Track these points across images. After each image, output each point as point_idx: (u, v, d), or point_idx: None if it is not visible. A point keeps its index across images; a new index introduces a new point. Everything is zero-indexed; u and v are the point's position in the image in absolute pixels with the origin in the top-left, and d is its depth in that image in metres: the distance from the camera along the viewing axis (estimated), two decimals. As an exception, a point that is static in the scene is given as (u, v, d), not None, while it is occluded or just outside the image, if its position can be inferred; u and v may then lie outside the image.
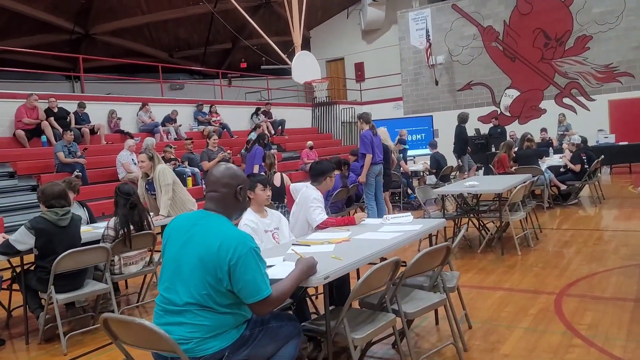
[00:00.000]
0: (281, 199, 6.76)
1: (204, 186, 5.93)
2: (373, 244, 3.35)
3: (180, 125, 13.94)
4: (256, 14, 19.76)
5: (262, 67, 20.91)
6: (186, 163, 11.89)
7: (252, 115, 16.25)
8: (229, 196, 2.54)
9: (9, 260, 4.46)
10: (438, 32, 17.70)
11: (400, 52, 18.58)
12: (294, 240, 3.88)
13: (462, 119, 11.45)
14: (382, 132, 8.55)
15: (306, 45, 21.11)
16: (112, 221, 4.58)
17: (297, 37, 13.81)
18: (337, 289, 3.67)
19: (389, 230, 3.70)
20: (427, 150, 14.00)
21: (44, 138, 10.83)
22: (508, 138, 13.38)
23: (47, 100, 11.18)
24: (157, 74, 17.28)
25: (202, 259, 2.36)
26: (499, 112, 16.94)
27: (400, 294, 3.14)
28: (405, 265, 3.10)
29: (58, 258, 3.97)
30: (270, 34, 15.93)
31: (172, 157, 11.56)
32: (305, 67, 13.59)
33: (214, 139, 11.82)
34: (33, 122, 10.69)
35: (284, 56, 14.17)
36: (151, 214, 5.02)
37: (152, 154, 5.67)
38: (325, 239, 3.61)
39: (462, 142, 11.38)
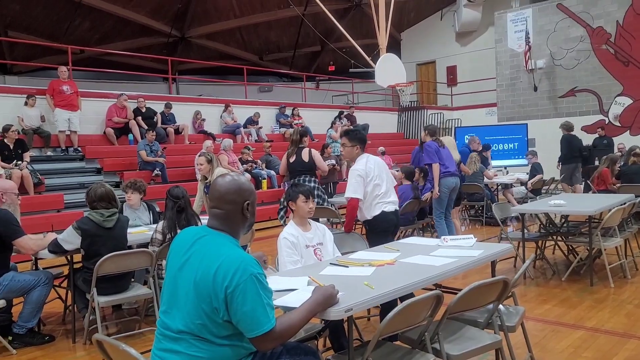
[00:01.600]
0: (311, 173, 6.62)
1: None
2: (418, 271, 2.91)
3: (261, 127, 14.02)
4: (345, 16, 19.58)
5: (350, 70, 20.72)
6: (263, 165, 11.89)
7: (334, 119, 16.04)
8: (235, 213, 2.22)
9: (67, 258, 4.50)
10: (539, 34, 16.47)
11: (496, 55, 17.52)
12: (338, 256, 3.54)
13: (568, 128, 10.64)
14: (449, 141, 7.94)
15: (396, 47, 20.59)
16: (161, 224, 4.48)
17: (382, 40, 13.38)
18: (383, 316, 3.27)
19: (443, 255, 3.23)
20: (520, 161, 13.05)
21: (130, 136, 11.29)
22: (615, 151, 12.09)
23: (136, 100, 11.64)
24: (247, 76, 17.65)
25: (197, 284, 2.06)
26: (606, 121, 15.38)
27: (446, 330, 2.69)
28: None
29: (100, 260, 3.90)
30: (358, 37, 15.65)
31: (250, 158, 11.61)
32: (390, 70, 13.11)
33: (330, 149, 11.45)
34: (122, 120, 11.16)
35: (368, 59, 13.79)
36: (200, 217, 4.87)
37: (210, 157, 5.56)
38: (368, 259, 3.22)
39: (572, 151, 10.55)
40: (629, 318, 4.24)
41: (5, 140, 8.57)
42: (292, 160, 6.55)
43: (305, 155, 6.54)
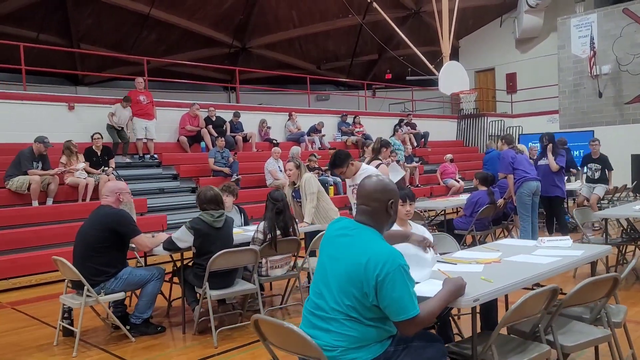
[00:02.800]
0: None
1: (348, 195, 6.16)
2: (526, 268, 3.09)
3: (324, 136, 14.33)
4: (404, 24, 19.71)
5: (408, 77, 20.81)
6: (329, 172, 12.18)
7: (394, 126, 16.19)
8: (380, 210, 2.49)
9: (170, 256, 4.90)
10: (605, 39, 16.13)
11: (558, 61, 17.24)
12: (438, 257, 3.73)
13: None
14: (524, 149, 8.05)
15: (455, 55, 20.56)
16: (262, 225, 4.81)
17: (445, 47, 13.47)
18: (483, 313, 3.46)
19: (545, 254, 3.39)
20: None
21: (202, 144, 11.82)
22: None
23: (206, 110, 12.17)
24: (304, 85, 18.04)
25: (349, 271, 2.34)
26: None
27: (555, 324, 2.85)
28: (563, 294, 2.81)
29: (213, 257, 4.24)
30: (417, 45, 15.75)
31: (316, 166, 11.93)
32: (453, 77, 13.19)
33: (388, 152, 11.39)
34: (194, 129, 11.70)
35: (431, 67, 13.90)
36: (296, 220, 5.17)
37: (299, 163, 5.86)
38: (473, 258, 3.41)
39: None
40: None
41: (93, 147, 9.20)
42: None
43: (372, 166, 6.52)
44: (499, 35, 20.57)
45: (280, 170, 10.94)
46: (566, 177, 9.23)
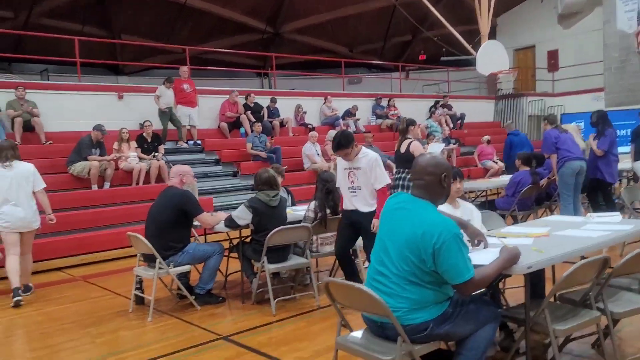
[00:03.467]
0: (406, 165, 6.20)
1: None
2: (576, 241, 3.27)
3: (359, 119, 14.49)
4: (439, 3, 19.56)
5: (442, 58, 20.68)
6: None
7: (430, 108, 16.21)
8: (434, 184, 2.72)
9: (227, 233, 5.23)
10: (652, 13, 15.62)
11: (604, 37, 16.71)
12: (486, 233, 3.93)
13: None
14: (572, 128, 8.02)
15: (492, 33, 20.19)
16: (313, 204, 5.08)
17: (484, 26, 13.39)
18: (530, 284, 3.63)
19: (594, 229, 3.55)
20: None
21: (242, 130, 12.15)
22: None
23: (244, 96, 12.47)
24: (336, 69, 18.15)
25: (408, 240, 2.59)
26: None
27: (605, 293, 3.03)
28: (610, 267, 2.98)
29: (270, 233, 4.55)
30: (453, 24, 15.68)
31: (354, 148, 12.13)
32: (492, 57, 13.13)
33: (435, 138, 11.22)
34: (234, 115, 12.03)
35: (468, 46, 13.86)
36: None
37: (370, 142, 6.08)
38: (522, 232, 3.61)
39: None
40: None
41: (143, 134, 9.62)
42: (396, 150, 6.55)
43: (403, 147, 6.42)
44: (539, 12, 20.04)
45: (318, 154, 11.18)
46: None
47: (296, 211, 5.57)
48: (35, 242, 6.52)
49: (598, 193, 7.31)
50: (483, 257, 2.78)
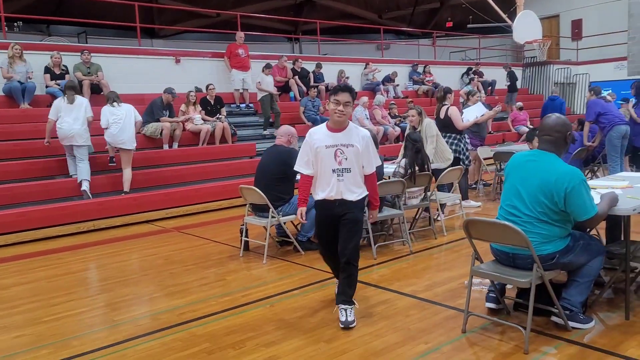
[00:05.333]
0: (449, 129, 7.06)
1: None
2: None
3: (397, 85, 14.95)
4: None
5: (469, 25, 20.89)
6: (407, 120, 12.89)
7: (462, 75, 16.62)
8: (561, 139, 3.33)
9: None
10: (679, -18, 15.86)
11: (629, 6, 17.02)
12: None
13: None
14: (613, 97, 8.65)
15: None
16: (403, 161, 5.69)
17: (520, -4, 13.71)
18: (609, 229, 4.23)
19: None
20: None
21: (291, 94, 12.67)
22: None
23: (292, 61, 12.94)
24: (364, 35, 18.28)
25: (541, 186, 3.20)
26: None
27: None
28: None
29: (371, 187, 5.15)
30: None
31: (397, 113, 12.67)
32: (527, 26, 13.50)
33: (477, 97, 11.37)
34: (283, 80, 12.53)
35: (504, 15, 14.18)
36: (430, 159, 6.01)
37: (420, 110, 6.65)
38: (606, 185, 4.19)
39: None
40: None
41: (207, 97, 10.19)
42: (435, 117, 7.21)
43: (442, 113, 7.17)
44: (565, -19, 20.23)
45: (367, 118, 11.72)
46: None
47: (387, 167, 6.10)
48: (120, 197, 7.56)
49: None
50: (596, 197, 3.39)
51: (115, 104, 7.79)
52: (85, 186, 7.47)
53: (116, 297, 4.56)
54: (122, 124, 7.68)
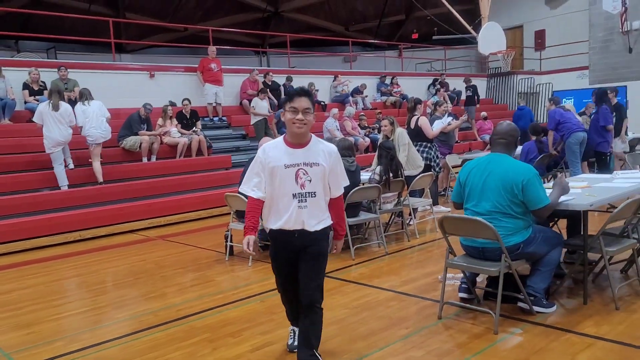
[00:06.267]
0: (420, 138, 7.47)
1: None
2: (613, 189, 4.34)
3: (366, 97, 15.41)
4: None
5: (434, 37, 21.61)
6: (376, 131, 13.33)
7: (428, 86, 17.22)
8: (512, 142, 3.83)
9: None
10: (636, -6, 16.71)
11: (590, 17, 17.75)
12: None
13: None
14: (570, 106, 9.25)
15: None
16: (378, 169, 6.05)
17: (484, 8, 14.37)
18: (569, 226, 4.67)
19: (623, 182, 4.63)
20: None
21: (263, 106, 12.95)
22: None
23: (262, 75, 13.25)
24: (331, 47, 18.64)
25: (502, 182, 3.63)
26: None
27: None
28: None
29: (350, 193, 5.49)
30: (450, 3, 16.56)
31: (366, 125, 13.11)
32: (491, 38, 14.14)
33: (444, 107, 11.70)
34: (254, 93, 12.80)
35: (468, 27, 14.82)
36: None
37: (392, 120, 7.04)
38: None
39: None
40: None
41: (182, 111, 10.41)
42: (406, 127, 7.64)
43: (412, 122, 7.61)
44: (527, -8, 21.00)
45: (337, 129, 12.09)
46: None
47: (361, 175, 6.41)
48: (105, 209, 7.78)
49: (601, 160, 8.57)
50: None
51: (86, 102, 8.29)
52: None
53: (114, 298, 4.80)
54: (95, 120, 8.21)
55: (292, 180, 2.94)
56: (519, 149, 8.69)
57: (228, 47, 18.78)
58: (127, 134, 9.29)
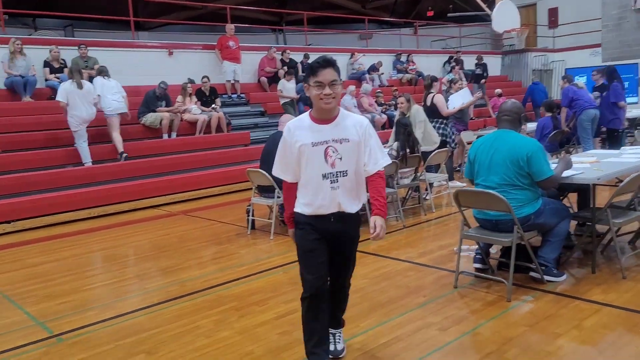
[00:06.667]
0: (434, 115, 7.66)
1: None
2: (622, 163, 4.48)
3: (382, 74, 15.46)
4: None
5: (449, 14, 21.46)
6: (393, 107, 13.43)
7: (444, 64, 17.20)
8: (516, 119, 4.00)
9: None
10: (649, -29, 16.54)
11: (602, -5, 17.70)
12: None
13: None
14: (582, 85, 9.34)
15: (493, -9, 21.08)
16: (395, 144, 6.22)
17: (500, -14, 14.28)
18: (581, 198, 4.83)
19: (631, 157, 4.75)
20: (632, 99, 14.01)
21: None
22: None
23: (280, 52, 13.36)
24: (348, 25, 18.58)
25: (510, 153, 3.81)
26: None
27: (643, 200, 4.23)
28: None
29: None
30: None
31: (383, 101, 13.20)
32: (505, 16, 14.07)
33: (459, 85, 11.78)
34: (272, 70, 12.97)
35: (483, 5, 14.75)
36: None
37: (409, 97, 7.18)
38: (579, 160, 4.77)
39: None
40: None
41: (202, 88, 10.60)
42: (423, 104, 7.83)
43: (428, 100, 7.82)
44: (541, -31, 20.84)
45: (355, 106, 12.22)
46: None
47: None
48: (127, 184, 8.10)
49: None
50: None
51: (106, 77, 8.78)
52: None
53: (141, 270, 5.05)
54: (114, 94, 8.72)
55: (321, 159, 2.68)
56: (534, 124, 8.83)
57: (246, 25, 18.86)
58: (145, 111, 9.51)
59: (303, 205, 2.78)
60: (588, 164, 4.60)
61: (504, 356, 2.96)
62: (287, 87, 11.67)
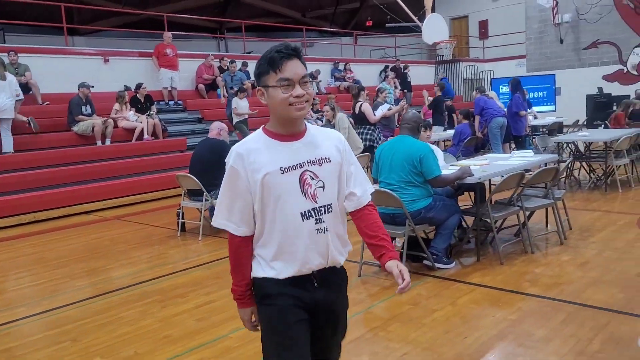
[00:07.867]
0: (362, 122, 8.36)
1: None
2: (506, 166, 5.12)
3: (320, 81, 16.01)
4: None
5: (387, 25, 22.31)
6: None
7: (380, 72, 17.96)
8: (415, 127, 4.59)
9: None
10: (565, -11, 17.91)
11: (525, 10, 19.01)
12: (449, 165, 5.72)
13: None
14: (493, 95, 10.22)
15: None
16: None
17: (428, 1, 15.13)
18: (480, 194, 5.45)
19: (518, 160, 5.43)
20: (549, 107, 15.21)
21: (218, 91, 13.40)
22: (632, 97, 13.94)
23: (218, 60, 13.67)
24: (289, 33, 19.04)
25: (406, 156, 4.39)
26: (625, 70, 17.14)
27: (523, 197, 4.88)
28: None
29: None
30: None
31: (319, 109, 13.73)
32: (435, 28, 14.94)
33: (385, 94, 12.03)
34: (210, 77, 13.26)
35: (414, 17, 15.57)
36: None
37: (333, 106, 7.71)
38: (470, 163, 5.40)
39: None
40: (632, 206, 6.48)
41: (137, 95, 10.78)
42: (352, 112, 8.45)
43: (356, 108, 8.44)
44: (473, -16, 22.04)
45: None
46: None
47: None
48: (59, 191, 8.20)
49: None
50: (447, 172, 4.58)
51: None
52: None
53: (72, 270, 5.30)
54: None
55: (297, 191, 1.81)
56: (452, 131, 9.59)
57: (184, 33, 19.00)
58: (72, 119, 9.58)
59: (275, 265, 1.84)
60: (478, 165, 5.22)
61: (387, 329, 3.46)
62: (241, 105, 11.40)
